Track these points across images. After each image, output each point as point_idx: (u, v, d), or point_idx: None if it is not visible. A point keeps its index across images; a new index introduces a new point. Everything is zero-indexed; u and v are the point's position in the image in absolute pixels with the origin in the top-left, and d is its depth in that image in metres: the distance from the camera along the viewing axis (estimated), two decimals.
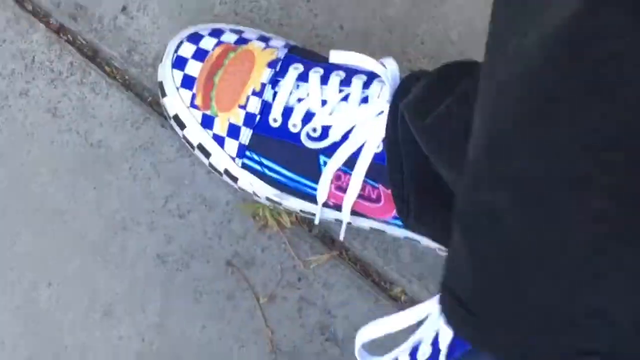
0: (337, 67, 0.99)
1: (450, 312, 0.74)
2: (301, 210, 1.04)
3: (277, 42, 1.01)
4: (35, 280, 1.02)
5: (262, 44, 1.00)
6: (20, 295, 1.03)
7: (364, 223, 1.04)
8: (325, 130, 0.97)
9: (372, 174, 1.00)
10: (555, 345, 0.70)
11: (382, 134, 0.99)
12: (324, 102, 0.97)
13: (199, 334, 1.01)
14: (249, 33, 1.02)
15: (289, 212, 1.07)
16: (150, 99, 1.07)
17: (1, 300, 1.04)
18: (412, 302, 1.06)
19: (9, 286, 1.04)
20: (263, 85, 0.98)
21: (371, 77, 0.98)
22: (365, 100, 0.97)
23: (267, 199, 1.04)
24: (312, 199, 1.02)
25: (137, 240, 1.03)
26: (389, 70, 0.97)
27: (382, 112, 0.95)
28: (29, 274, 1.04)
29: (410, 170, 1.00)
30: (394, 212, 1.02)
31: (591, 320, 0.64)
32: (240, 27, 1.04)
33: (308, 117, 0.97)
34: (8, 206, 1.05)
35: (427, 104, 0.96)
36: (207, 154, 0.99)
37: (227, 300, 1.02)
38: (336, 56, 0.99)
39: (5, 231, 1.05)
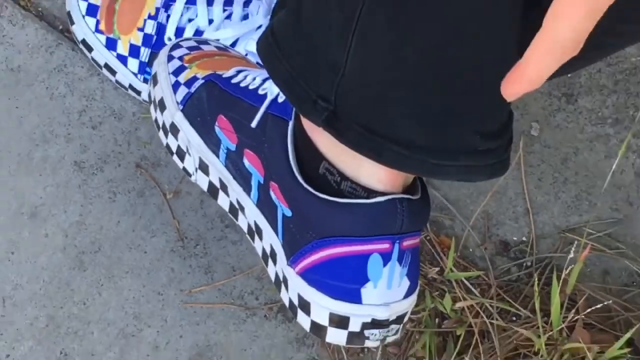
0: None
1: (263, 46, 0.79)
2: None
3: None
4: None
5: None
6: None
7: None
8: (216, 41, 1.02)
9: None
10: (310, 91, 0.75)
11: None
12: (210, 21, 1.04)
13: (115, 227, 1.06)
14: None
15: None
16: (61, 27, 1.12)
17: None
18: None
19: None
20: (157, 10, 1.04)
21: None
22: (245, 17, 1.04)
23: None
24: None
25: (57, 150, 1.08)
26: None
27: (260, 26, 1.02)
28: None
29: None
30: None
31: (329, 74, 0.71)
32: None
33: (198, 34, 1.04)
34: None
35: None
36: (113, 72, 1.06)
37: (138, 198, 1.08)
38: None
39: None
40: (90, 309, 1.05)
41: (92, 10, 1.05)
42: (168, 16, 1.04)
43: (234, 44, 1.03)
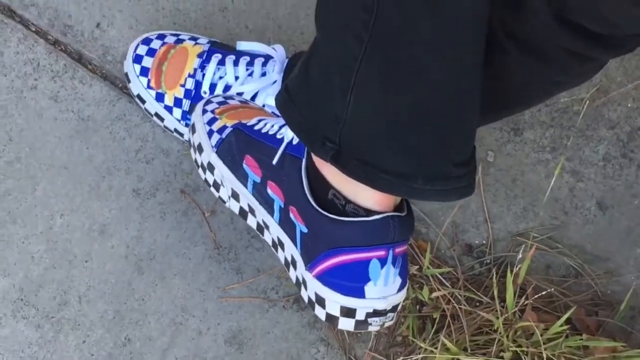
0: (244, 53, 1.11)
1: (282, 101, 0.86)
2: None
3: (203, 40, 1.13)
4: (52, 213, 1.11)
5: (193, 42, 1.12)
6: (42, 224, 1.12)
7: None
8: (239, 95, 1.09)
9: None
10: (319, 135, 0.83)
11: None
12: (236, 78, 1.10)
13: (166, 240, 1.12)
14: (183, 35, 1.14)
15: None
16: (120, 85, 1.17)
17: (29, 228, 1.12)
18: None
19: (33, 218, 1.12)
20: (195, 70, 1.11)
21: (267, 58, 1.11)
22: (264, 74, 1.10)
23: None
24: None
25: (119, 181, 1.13)
26: (278, 53, 1.11)
27: (275, 81, 1.09)
28: (46, 210, 1.12)
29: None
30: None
31: (334, 122, 0.79)
32: (177, 32, 1.15)
33: (227, 88, 1.10)
34: (29, 165, 1.12)
35: None
36: (162, 119, 1.12)
37: (183, 216, 1.13)
38: (242, 45, 1.12)
39: (29, 182, 1.12)
40: (148, 304, 1.10)
41: (144, 72, 1.11)
42: (203, 75, 1.10)
43: (254, 96, 1.09)
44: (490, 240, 1.20)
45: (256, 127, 0.98)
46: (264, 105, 1.09)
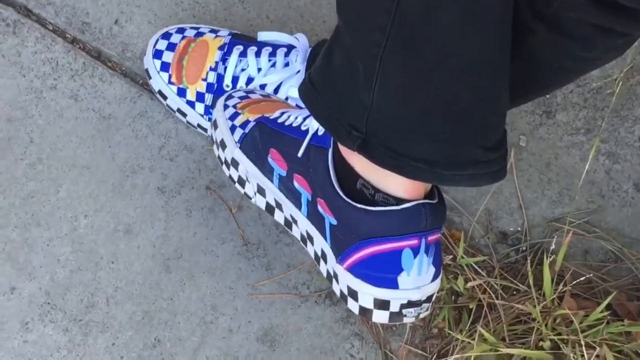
0: (266, 44, 1.11)
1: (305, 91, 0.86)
2: None
3: (224, 32, 1.12)
4: (76, 214, 1.10)
5: (213, 35, 1.12)
6: (66, 225, 1.11)
7: None
8: (262, 87, 1.09)
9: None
10: (345, 124, 0.82)
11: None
12: (259, 70, 1.09)
13: (193, 238, 1.11)
14: (203, 28, 1.13)
15: None
16: (141, 81, 1.16)
17: (53, 230, 1.11)
18: None
19: (57, 220, 1.11)
20: (217, 63, 1.10)
21: (290, 48, 1.10)
22: (287, 64, 1.10)
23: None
24: None
25: (143, 179, 1.12)
26: (301, 43, 1.10)
27: (299, 71, 1.09)
28: (70, 211, 1.11)
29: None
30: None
31: (359, 110, 0.78)
32: (197, 25, 1.15)
33: (249, 80, 1.10)
34: (51, 166, 1.11)
35: None
36: (184, 115, 1.11)
37: (209, 213, 1.12)
38: (263, 36, 1.12)
39: (51, 183, 1.11)
40: (176, 303, 1.09)
41: (164, 67, 1.11)
42: (225, 68, 1.09)
43: (278, 87, 1.09)
44: (526, 227, 1.18)
45: (280, 120, 0.97)
46: (287, 98, 1.09)
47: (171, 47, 1.11)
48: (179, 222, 1.12)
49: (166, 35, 1.12)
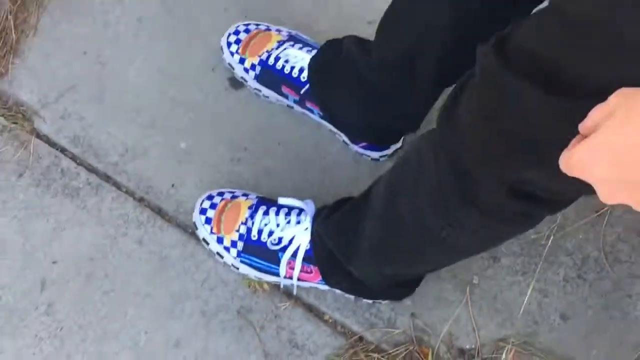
0: (284, 206, 1.26)
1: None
2: (272, 281, 1.31)
3: (252, 196, 1.28)
4: (138, 331, 1.27)
5: (245, 198, 1.27)
6: (130, 340, 1.27)
7: (305, 284, 1.30)
8: (280, 239, 1.23)
9: (307, 260, 1.25)
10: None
11: (308, 239, 1.24)
12: (278, 225, 1.24)
13: (225, 351, 1.28)
14: (237, 192, 1.28)
15: (267, 282, 1.32)
16: (190, 230, 1.34)
17: (120, 344, 1.26)
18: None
19: (123, 336, 1.27)
20: (246, 219, 1.26)
21: (301, 210, 1.26)
22: (299, 222, 1.24)
23: (255, 276, 1.30)
24: (277, 275, 1.28)
25: (190, 305, 1.29)
26: (309, 207, 1.25)
27: (307, 228, 1.23)
28: (133, 329, 1.28)
29: (323, 257, 1.23)
30: (320, 278, 1.26)
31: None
32: (233, 189, 1.29)
33: (270, 233, 1.24)
34: (121, 295, 1.28)
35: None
36: (222, 257, 1.28)
37: (239, 332, 1.29)
38: (282, 200, 1.27)
39: (120, 308, 1.29)
40: None
41: (208, 221, 1.27)
42: (253, 222, 1.24)
43: (291, 240, 1.22)
44: (478, 345, 1.32)
45: None
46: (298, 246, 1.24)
47: (213, 206, 1.28)
48: (216, 338, 1.30)
49: (209, 197, 1.30)
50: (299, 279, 1.28)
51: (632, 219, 1.39)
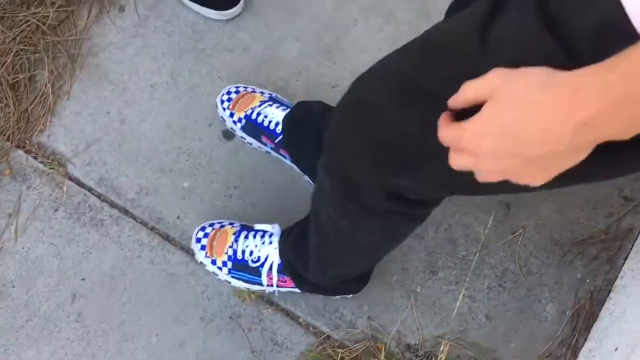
0: (260, 230, 1.42)
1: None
2: (258, 290, 1.47)
3: (237, 224, 1.43)
4: (150, 334, 1.42)
5: (230, 226, 1.43)
6: (144, 341, 1.42)
7: (285, 289, 1.45)
8: (259, 258, 1.39)
9: (280, 271, 1.41)
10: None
11: (278, 256, 1.39)
12: (256, 245, 1.39)
13: (220, 348, 1.44)
14: (225, 222, 1.42)
15: (254, 292, 1.48)
16: (192, 253, 1.47)
17: (136, 344, 1.40)
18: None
19: (138, 338, 1.41)
20: (232, 243, 1.41)
21: (271, 233, 1.41)
22: (271, 242, 1.39)
23: (245, 287, 1.46)
24: (261, 284, 1.44)
25: (191, 312, 1.45)
26: (276, 230, 1.40)
27: (276, 247, 1.39)
28: (146, 332, 1.42)
29: (289, 269, 1.38)
30: (294, 284, 1.41)
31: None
32: (221, 220, 1.44)
33: (251, 253, 1.39)
34: (136, 305, 1.42)
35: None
36: (216, 275, 1.44)
37: (231, 333, 1.44)
38: (258, 226, 1.41)
39: (135, 315, 1.43)
40: None
41: (203, 247, 1.43)
42: (237, 245, 1.40)
43: (266, 257, 1.38)
44: (421, 341, 1.46)
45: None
46: (272, 262, 1.42)
47: (206, 235, 1.46)
48: (212, 339, 1.46)
49: (202, 228, 1.47)
50: (278, 286, 1.45)
51: (541, 239, 1.53)
